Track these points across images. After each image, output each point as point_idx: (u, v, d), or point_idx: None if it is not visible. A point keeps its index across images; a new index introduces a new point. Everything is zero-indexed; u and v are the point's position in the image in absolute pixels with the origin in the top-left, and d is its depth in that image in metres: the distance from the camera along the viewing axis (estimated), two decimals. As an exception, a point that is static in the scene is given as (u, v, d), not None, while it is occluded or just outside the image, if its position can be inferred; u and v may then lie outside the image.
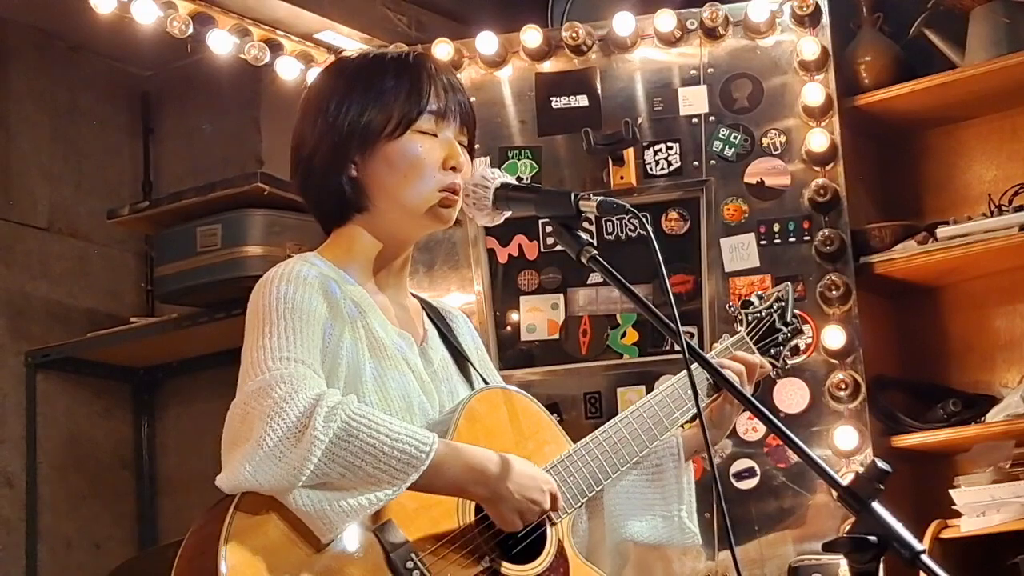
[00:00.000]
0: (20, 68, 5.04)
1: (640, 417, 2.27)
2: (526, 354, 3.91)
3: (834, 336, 3.69)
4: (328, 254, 2.18)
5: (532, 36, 3.94)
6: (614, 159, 3.84)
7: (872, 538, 1.64)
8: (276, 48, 4.45)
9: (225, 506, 1.90)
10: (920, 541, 1.64)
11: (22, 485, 4.81)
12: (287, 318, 2.00)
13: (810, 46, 3.81)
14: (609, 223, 3.90)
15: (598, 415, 3.72)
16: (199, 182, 4.79)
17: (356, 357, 2.07)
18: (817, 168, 3.79)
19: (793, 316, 2.49)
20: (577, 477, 2.17)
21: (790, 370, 3.54)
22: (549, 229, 3.81)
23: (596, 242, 3.86)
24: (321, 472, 1.88)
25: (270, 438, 1.86)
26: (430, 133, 2.14)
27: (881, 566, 1.65)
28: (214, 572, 1.84)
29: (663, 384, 2.33)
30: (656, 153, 3.88)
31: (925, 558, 1.63)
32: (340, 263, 2.16)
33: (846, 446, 3.62)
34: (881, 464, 1.69)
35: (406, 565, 1.95)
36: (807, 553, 3.58)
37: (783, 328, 2.47)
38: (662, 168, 3.87)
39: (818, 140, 3.78)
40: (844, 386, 3.66)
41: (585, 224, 3.79)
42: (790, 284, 2.55)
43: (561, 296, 3.92)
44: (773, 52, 3.88)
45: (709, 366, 1.98)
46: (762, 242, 3.79)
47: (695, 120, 3.88)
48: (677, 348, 1.93)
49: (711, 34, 3.89)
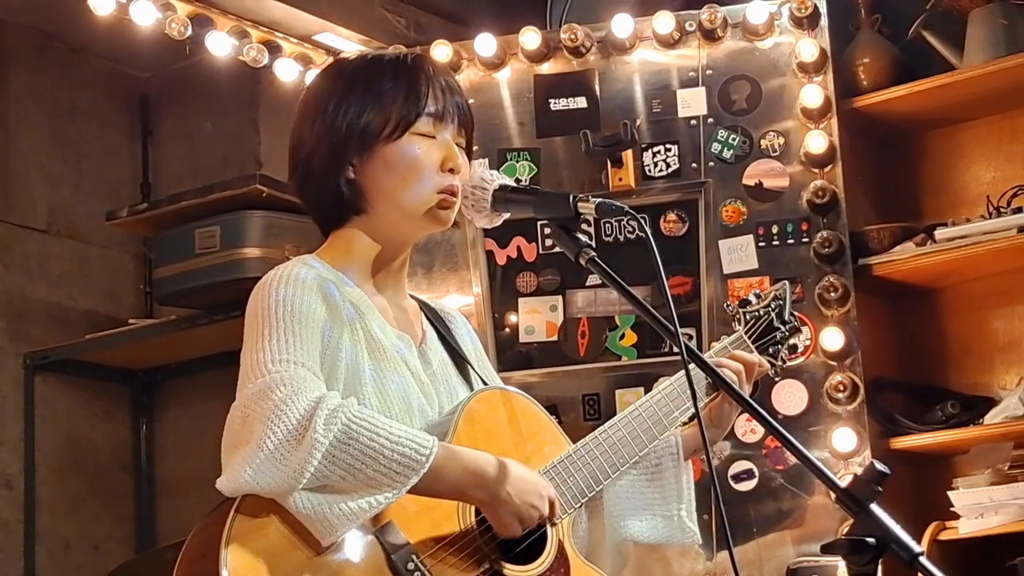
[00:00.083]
0: (19, 69, 5.03)
1: (639, 417, 2.27)
2: (525, 356, 3.91)
3: (832, 338, 3.69)
4: (326, 256, 2.18)
5: (531, 38, 3.94)
6: (613, 161, 3.84)
7: (870, 540, 1.64)
8: (275, 50, 4.45)
9: (226, 509, 1.90)
10: (918, 543, 1.64)
11: (21, 487, 4.81)
12: (286, 320, 2.00)
13: (808, 48, 3.81)
14: (608, 225, 3.89)
15: (597, 417, 3.72)
16: (198, 184, 4.79)
17: (355, 359, 2.07)
18: (816, 170, 3.79)
19: (791, 314, 2.49)
20: (577, 477, 2.17)
21: (789, 371, 3.59)
22: (548, 231, 3.82)
23: (595, 244, 3.89)
24: (321, 475, 1.87)
25: (271, 441, 1.86)
26: (428, 135, 2.14)
27: (880, 568, 1.66)
28: (215, 575, 1.83)
29: (662, 384, 2.33)
30: (655, 155, 3.88)
31: (923, 560, 1.63)
32: (338, 265, 2.16)
33: (844, 448, 3.62)
34: (879, 466, 1.69)
35: (407, 567, 1.95)
36: (805, 555, 3.58)
37: (781, 327, 2.47)
38: (661, 170, 3.87)
39: (817, 142, 3.78)
40: (843, 388, 3.66)
41: (584, 226, 3.79)
42: (787, 283, 2.54)
43: (560, 298, 3.92)
44: (772, 54, 3.88)
45: (707, 368, 1.98)
46: (760, 244, 3.79)
47: (693, 122, 3.88)
48: (676, 350, 1.93)
49: (710, 36, 3.89)
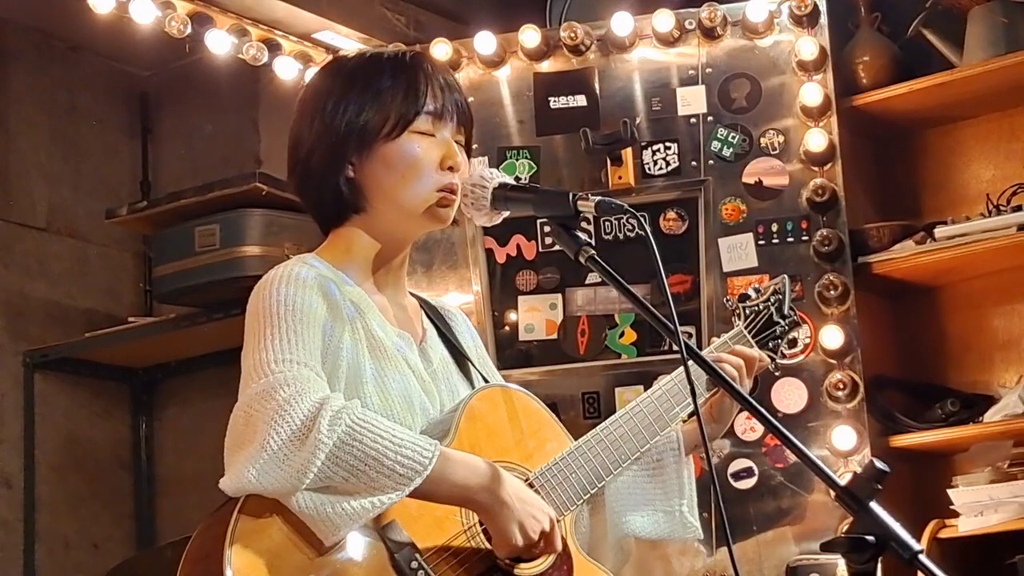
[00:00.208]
0: (19, 68, 5.03)
1: (640, 413, 2.27)
2: (524, 354, 3.91)
3: (832, 336, 3.68)
4: (326, 255, 2.18)
5: (530, 36, 3.94)
6: (612, 159, 3.84)
7: (870, 538, 1.64)
8: (274, 48, 4.45)
9: (229, 509, 1.90)
10: (918, 541, 1.64)
11: (20, 485, 4.81)
12: (288, 320, 2.00)
13: (808, 46, 3.81)
14: (607, 223, 3.89)
15: (596, 415, 3.72)
16: (198, 182, 4.79)
17: (356, 358, 2.07)
18: (815, 168, 3.79)
19: (790, 309, 2.48)
20: (579, 474, 2.17)
21: (788, 370, 3.59)
22: (547, 229, 3.81)
23: (594, 242, 3.89)
24: (324, 476, 1.87)
25: (274, 441, 1.86)
26: (427, 133, 2.14)
27: (879, 566, 1.66)
28: (219, 574, 1.83)
29: (662, 381, 2.33)
30: (654, 153, 3.88)
31: (923, 558, 1.63)
32: (338, 264, 2.16)
33: (844, 446, 3.62)
34: (879, 464, 1.69)
35: (410, 566, 1.95)
36: (805, 553, 3.58)
37: (781, 321, 2.46)
38: (660, 168, 3.87)
39: (816, 140, 3.78)
40: (842, 386, 3.66)
41: (583, 224, 3.80)
42: (787, 277, 2.53)
43: (559, 296, 3.92)
44: (771, 52, 3.88)
45: (707, 366, 1.97)
46: (760, 242, 3.79)
47: (693, 120, 3.88)
48: (675, 348, 1.92)
49: (709, 34, 3.89)
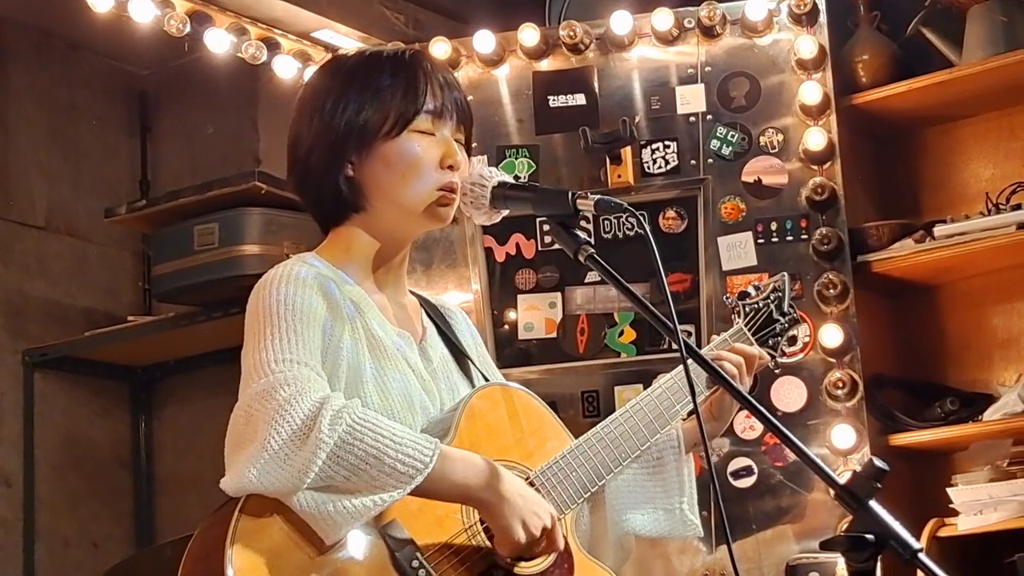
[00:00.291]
0: (18, 67, 5.03)
1: (641, 411, 2.27)
2: (524, 353, 3.91)
3: (832, 335, 3.68)
4: (326, 254, 2.17)
5: (529, 35, 3.94)
6: (611, 158, 3.84)
7: (870, 536, 1.64)
8: (273, 47, 4.45)
9: (230, 508, 1.90)
10: (917, 540, 1.63)
11: (20, 484, 4.81)
12: (288, 320, 1.99)
13: (807, 45, 3.81)
14: (607, 222, 3.89)
15: (596, 414, 3.72)
16: (197, 181, 4.79)
17: (356, 357, 2.06)
18: (814, 167, 3.79)
19: (790, 306, 2.48)
20: (580, 473, 2.17)
21: (788, 368, 3.59)
22: (547, 228, 3.81)
23: (594, 241, 3.88)
24: (325, 475, 1.87)
25: (275, 440, 1.86)
26: (427, 132, 2.14)
27: (879, 565, 1.66)
28: (221, 574, 1.84)
29: (662, 379, 2.33)
30: (653, 152, 3.88)
31: (922, 557, 1.63)
32: (338, 263, 2.16)
33: (844, 445, 3.62)
34: (879, 463, 1.69)
35: (411, 564, 1.95)
36: (805, 551, 3.58)
37: (780, 318, 2.46)
38: (659, 167, 3.87)
39: (815, 139, 3.78)
40: (842, 385, 3.66)
41: (583, 223, 3.79)
42: (786, 274, 2.52)
43: (559, 295, 3.92)
44: (770, 51, 3.87)
45: (707, 365, 1.97)
46: (759, 241, 3.79)
47: (692, 119, 3.87)
48: (675, 347, 1.92)
49: (708, 33, 3.89)
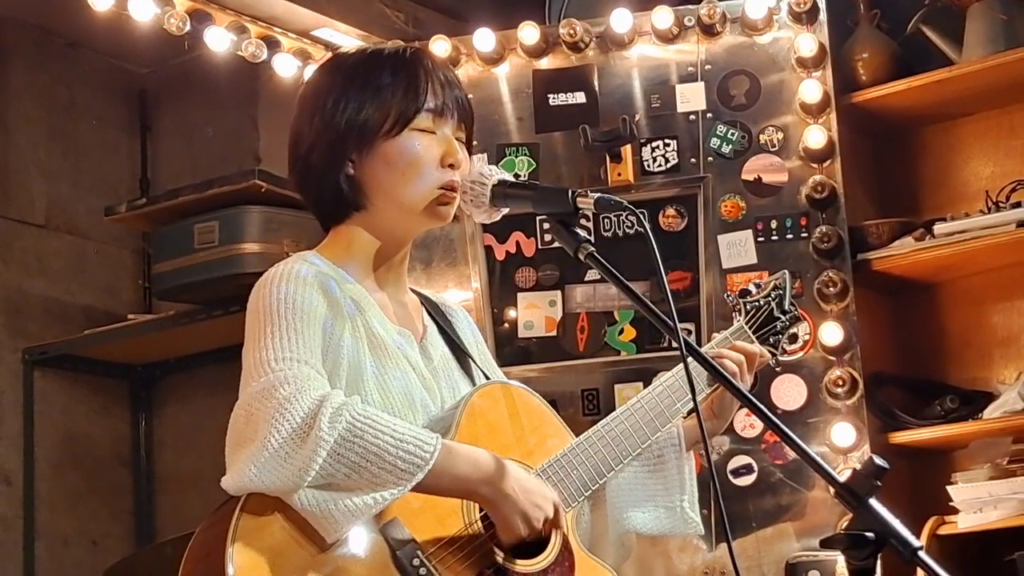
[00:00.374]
0: (18, 65, 5.03)
1: (641, 409, 2.27)
2: (524, 351, 3.91)
3: (832, 333, 3.68)
4: (327, 252, 2.17)
5: (529, 33, 3.94)
6: (611, 156, 3.84)
7: (869, 535, 1.64)
8: (273, 45, 4.45)
9: (231, 507, 1.90)
10: (917, 538, 1.63)
11: (19, 482, 4.81)
12: (288, 318, 1.99)
13: (807, 43, 3.81)
14: (607, 220, 3.89)
15: (595, 412, 3.72)
16: (197, 179, 4.78)
17: (357, 355, 2.06)
18: (814, 165, 3.79)
19: (791, 304, 2.48)
20: (580, 471, 2.17)
21: (788, 366, 3.59)
22: (547, 226, 3.81)
23: (594, 239, 3.86)
24: (326, 473, 1.87)
25: (275, 439, 1.86)
26: (428, 131, 2.13)
27: (879, 563, 1.66)
28: (221, 573, 1.83)
29: (662, 377, 2.32)
30: (653, 150, 3.88)
31: (922, 555, 1.63)
32: (339, 261, 2.15)
33: (843, 443, 3.62)
34: (878, 460, 1.69)
35: (412, 563, 1.95)
36: (805, 549, 3.58)
37: (781, 316, 2.46)
38: (659, 165, 3.87)
39: (815, 137, 3.78)
40: (842, 383, 3.66)
41: (582, 221, 3.76)
42: (787, 272, 2.52)
43: (559, 293, 3.92)
44: (770, 49, 3.87)
45: (707, 363, 1.96)
46: (759, 239, 3.79)
47: (692, 117, 3.87)
48: (675, 345, 1.92)
49: (708, 31, 3.89)
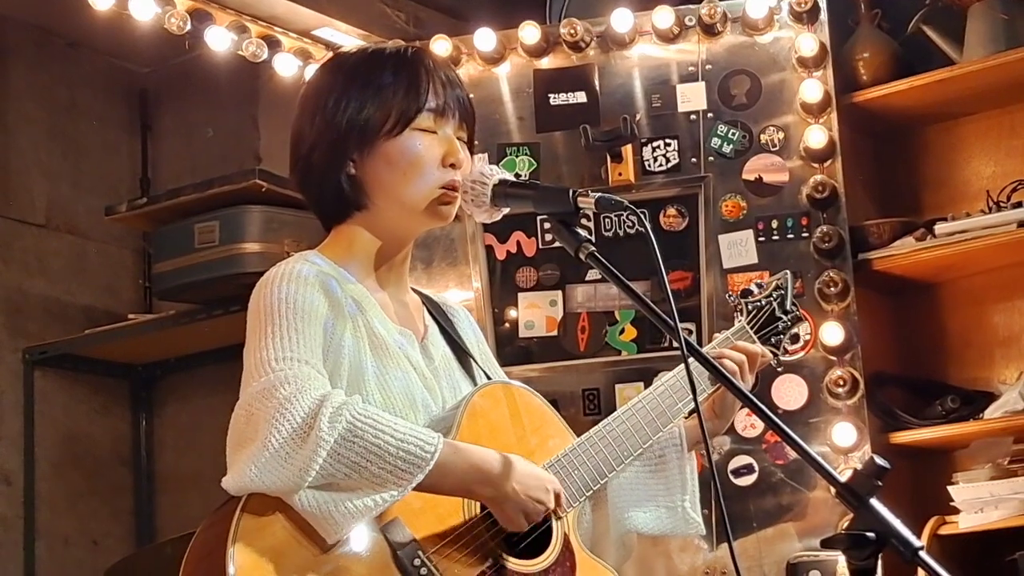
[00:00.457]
0: (18, 65, 5.03)
1: (643, 409, 2.26)
2: (524, 351, 3.90)
3: (832, 333, 3.68)
4: (328, 252, 2.17)
5: (530, 33, 3.93)
6: (612, 156, 3.84)
7: (870, 535, 1.64)
8: (274, 45, 4.45)
9: (232, 507, 1.90)
10: (918, 538, 1.63)
11: (20, 482, 4.81)
12: (289, 318, 1.99)
13: (808, 43, 3.81)
14: (607, 220, 3.89)
15: (596, 412, 3.72)
16: (197, 179, 4.79)
17: (358, 355, 2.06)
18: (815, 165, 3.79)
19: (793, 304, 2.48)
20: (582, 471, 2.17)
21: (788, 366, 3.59)
22: (547, 226, 3.81)
23: (594, 239, 3.86)
24: (327, 473, 1.87)
25: (275, 439, 1.85)
26: (429, 130, 2.13)
27: (879, 563, 1.66)
28: (222, 573, 1.83)
29: (664, 377, 2.32)
30: (654, 150, 3.87)
31: (923, 555, 1.63)
32: (340, 261, 2.15)
33: (844, 442, 3.62)
34: (879, 460, 1.69)
35: (413, 563, 1.95)
36: (806, 549, 3.58)
37: (783, 316, 2.45)
38: (660, 165, 3.87)
39: (816, 137, 3.78)
40: (842, 383, 3.65)
41: (583, 221, 3.76)
42: (789, 272, 2.52)
43: (559, 293, 3.92)
44: (771, 49, 3.87)
45: (707, 363, 1.96)
46: (760, 239, 3.79)
47: (693, 117, 3.87)
48: (676, 345, 1.92)
49: (709, 31, 3.89)
